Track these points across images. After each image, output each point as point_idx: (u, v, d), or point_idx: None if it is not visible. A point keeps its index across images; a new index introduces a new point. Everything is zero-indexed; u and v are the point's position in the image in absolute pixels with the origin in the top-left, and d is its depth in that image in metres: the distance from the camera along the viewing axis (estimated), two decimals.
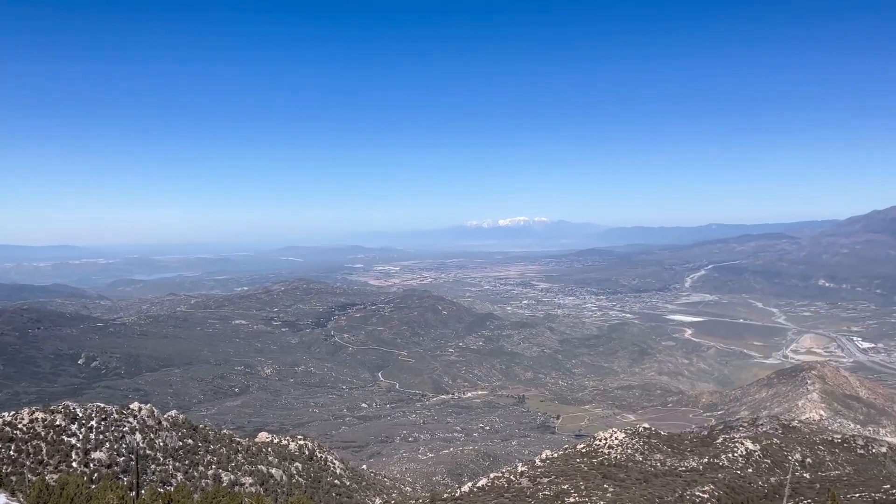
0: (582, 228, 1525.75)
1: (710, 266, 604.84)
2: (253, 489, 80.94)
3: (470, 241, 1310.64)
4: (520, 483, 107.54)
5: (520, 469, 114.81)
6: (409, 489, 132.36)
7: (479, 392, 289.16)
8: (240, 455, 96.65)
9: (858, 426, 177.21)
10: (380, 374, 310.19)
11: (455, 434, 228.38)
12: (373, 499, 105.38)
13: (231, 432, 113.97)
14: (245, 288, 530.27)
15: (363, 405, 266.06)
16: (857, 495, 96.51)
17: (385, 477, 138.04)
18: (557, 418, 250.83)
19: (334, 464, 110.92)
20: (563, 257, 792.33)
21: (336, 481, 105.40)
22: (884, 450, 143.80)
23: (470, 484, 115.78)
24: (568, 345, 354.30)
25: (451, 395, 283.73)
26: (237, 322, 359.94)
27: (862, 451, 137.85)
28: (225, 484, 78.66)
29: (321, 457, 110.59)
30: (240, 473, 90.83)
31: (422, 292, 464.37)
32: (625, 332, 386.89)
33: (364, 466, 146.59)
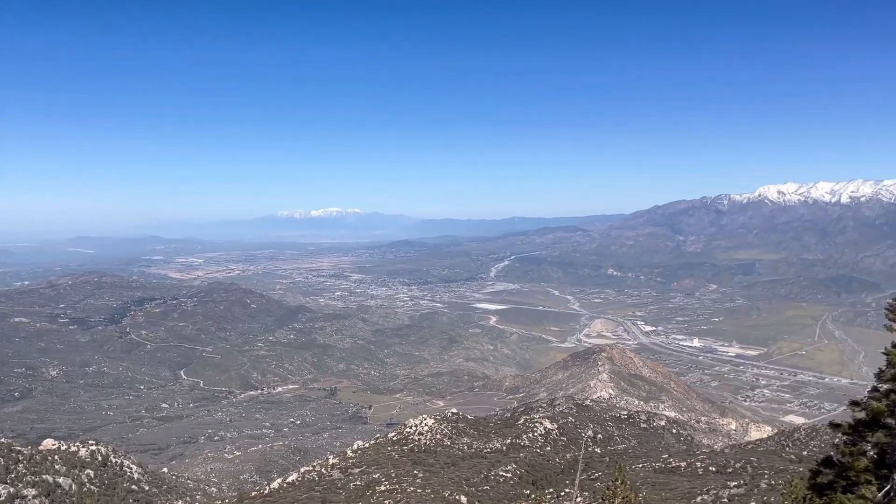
0: (395, 220, 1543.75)
1: (513, 257, 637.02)
2: (37, 501, 73.58)
3: (281, 232, 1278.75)
4: (331, 475, 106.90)
5: (331, 461, 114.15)
6: (215, 490, 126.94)
7: (290, 386, 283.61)
8: (20, 465, 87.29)
9: (642, 402, 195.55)
10: (182, 373, 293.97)
11: (264, 430, 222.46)
12: (175, 502, 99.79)
13: (10, 441, 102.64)
14: (26, 282, 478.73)
15: (164, 405, 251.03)
16: (641, 465, 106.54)
17: (188, 479, 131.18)
18: (370, 408, 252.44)
19: (131, 468, 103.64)
20: (377, 248, 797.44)
21: (133, 486, 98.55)
22: (663, 423, 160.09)
23: (280, 480, 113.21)
24: (381, 335, 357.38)
25: (260, 391, 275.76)
26: (16, 320, 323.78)
27: (645, 426, 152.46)
28: (3, 498, 70.75)
29: (116, 462, 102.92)
30: (21, 485, 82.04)
31: (228, 285, 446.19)
32: (435, 321, 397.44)
33: (165, 469, 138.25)
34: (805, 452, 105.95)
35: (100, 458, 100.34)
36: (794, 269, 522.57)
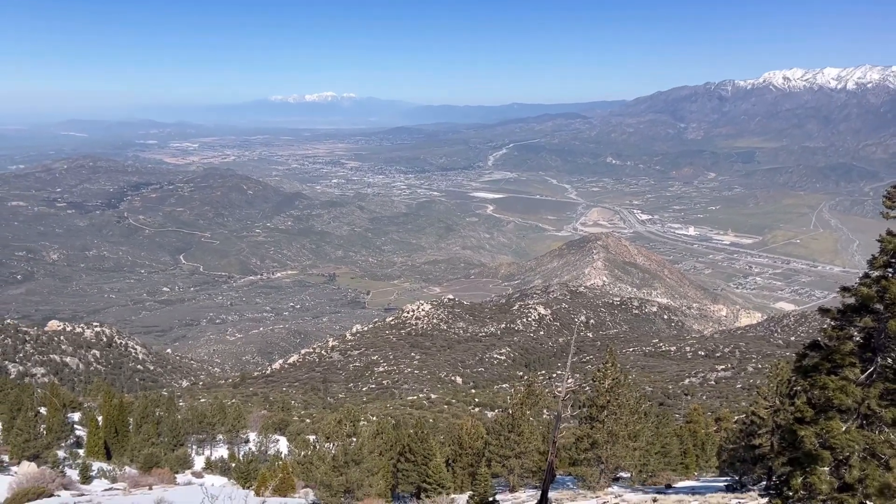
0: (391, 106, 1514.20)
1: (511, 145, 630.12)
2: (46, 380, 75.95)
3: (275, 117, 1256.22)
4: (331, 357, 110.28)
5: (331, 344, 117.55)
6: (218, 370, 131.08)
7: (289, 272, 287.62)
8: (28, 345, 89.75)
9: (635, 289, 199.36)
10: (182, 257, 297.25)
11: (265, 314, 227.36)
12: (179, 381, 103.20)
13: (16, 322, 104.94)
14: (21, 166, 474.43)
15: (165, 289, 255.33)
16: (632, 349, 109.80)
17: (192, 360, 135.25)
18: (368, 294, 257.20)
19: (136, 349, 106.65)
20: (373, 135, 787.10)
21: (139, 367, 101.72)
22: (654, 309, 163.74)
23: (281, 361, 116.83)
24: (378, 223, 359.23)
25: (259, 276, 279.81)
26: (14, 204, 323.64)
27: (637, 311, 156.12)
28: (13, 376, 72.93)
29: (121, 343, 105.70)
30: (29, 364, 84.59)
31: (224, 171, 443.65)
32: (432, 209, 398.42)
33: (169, 351, 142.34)
34: (793, 338, 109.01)
35: (105, 339, 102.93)
36: (794, 158, 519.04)
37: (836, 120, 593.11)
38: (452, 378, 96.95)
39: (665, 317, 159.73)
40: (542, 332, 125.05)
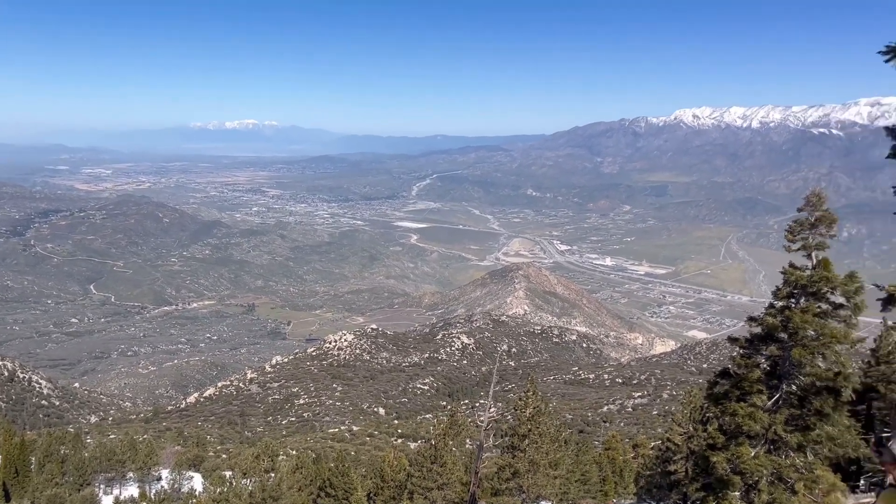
0: (314, 135, 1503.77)
1: (434, 175, 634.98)
2: None
3: (194, 144, 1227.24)
4: (249, 390, 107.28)
5: (249, 376, 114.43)
6: (130, 405, 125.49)
7: (207, 302, 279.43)
8: None
9: (555, 318, 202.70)
10: (92, 287, 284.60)
11: (180, 346, 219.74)
12: (87, 417, 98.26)
13: None
14: None
15: (73, 320, 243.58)
16: (552, 377, 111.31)
17: (101, 394, 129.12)
18: (288, 324, 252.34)
19: (40, 384, 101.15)
20: (296, 164, 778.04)
21: (43, 402, 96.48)
22: (574, 337, 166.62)
23: (196, 394, 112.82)
24: (300, 252, 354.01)
25: (174, 307, 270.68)
26: None
27: (557, 340, 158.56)
28: None
29: (24, 377, 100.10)
30: None
31: (139, 198, 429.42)
32: (355, 238, 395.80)
33: (77, 385, 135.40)
34: (705, 365, 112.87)
35: (6, 374, 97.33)
36: (704, 192, 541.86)
37: (743, 156, 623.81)
38: (375, 409, 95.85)
39: (584, 345, 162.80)
40: (465, 362, 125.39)
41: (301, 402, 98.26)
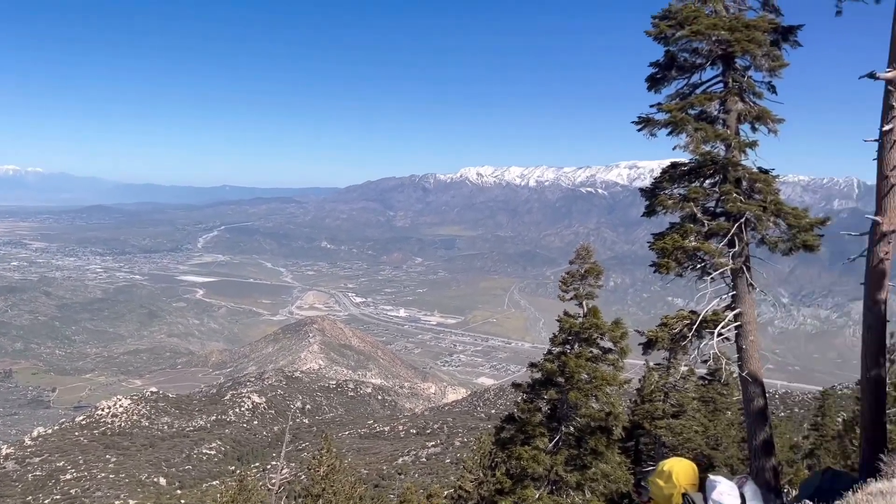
0: (86, 183, 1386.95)
1: (222, 227, 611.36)
2: None
3: None
4: (4, 467, 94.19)
5: (4, 452, 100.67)
6: None
7: None
8: None
9: (350, 371, 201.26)
10: None
11: None
12: None
13: None
14: None
15: None
16: (348, 432, 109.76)
17: None
18: (53, 391, 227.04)
19: None
20: (64, 214, 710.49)
21: None
22: (369, 390, 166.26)
23: None
24: (68, 310, 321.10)
25: None
26: None
27: (352, 394, 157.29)
28: None
29: None
30: None
31: None
32: (133, 294, 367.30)
33: None
34: (493, 410, 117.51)
35: None
36: (489, 245, 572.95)
37: (522, 212, 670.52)
38: (155, 479, 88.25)
39: (379, 397, 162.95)
40: (256, 422, 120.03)
41: (68, 477, 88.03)
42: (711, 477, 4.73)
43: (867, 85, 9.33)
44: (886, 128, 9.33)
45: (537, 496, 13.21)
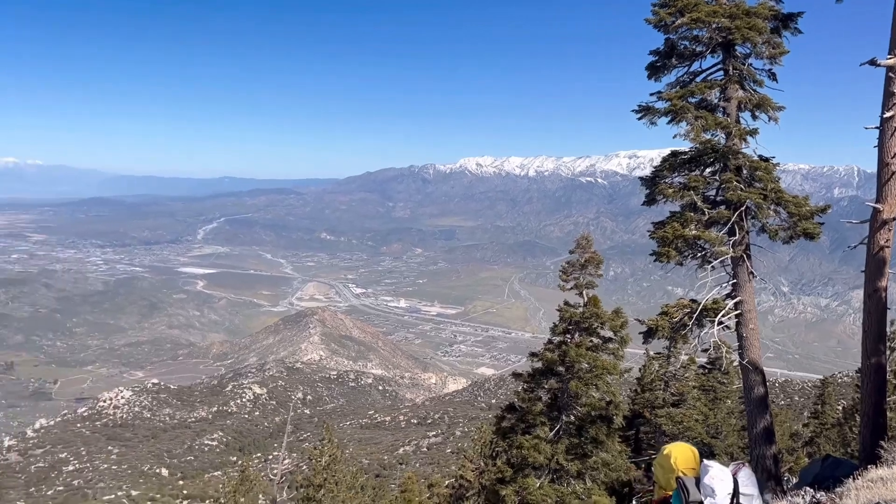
0: (86, 175, 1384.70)
1: (222, 219, 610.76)
2: None
3: None
4: (7, 459, 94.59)
5: (7, 444, 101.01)
6: None
7: None
8: None
9: (351, 362, 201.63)
10: None
11: None
12: None
13: None
14: None
15: None
16: (349, 423, 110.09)
17: None
18: (55, 383, 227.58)
19: None
20: (64, 206, 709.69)
21: None
22: (370, 381, 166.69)
23: None
24: (68, 303, 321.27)
25: None
26: None
27: (353, 384, 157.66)
28: None
29: None
30: None
31: None
32: (134, 286, 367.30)
33: None
34: (494, 400, 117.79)
35: None
36: (488, 235, 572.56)
37: (522, 202, 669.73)
38: (157, 470, 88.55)
39: (380, 388, 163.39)
40: (257, 413, 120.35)
41: (70, 468, 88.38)
42: (705, 462, 4.77)
43: (868, 72, 9.31)
44: (887, 115, 9.30)
45: (538, 485, 13.25)
